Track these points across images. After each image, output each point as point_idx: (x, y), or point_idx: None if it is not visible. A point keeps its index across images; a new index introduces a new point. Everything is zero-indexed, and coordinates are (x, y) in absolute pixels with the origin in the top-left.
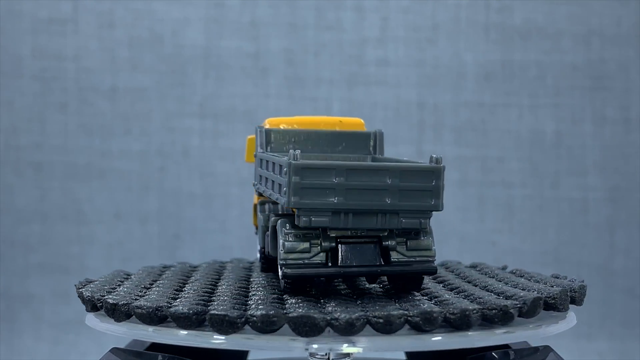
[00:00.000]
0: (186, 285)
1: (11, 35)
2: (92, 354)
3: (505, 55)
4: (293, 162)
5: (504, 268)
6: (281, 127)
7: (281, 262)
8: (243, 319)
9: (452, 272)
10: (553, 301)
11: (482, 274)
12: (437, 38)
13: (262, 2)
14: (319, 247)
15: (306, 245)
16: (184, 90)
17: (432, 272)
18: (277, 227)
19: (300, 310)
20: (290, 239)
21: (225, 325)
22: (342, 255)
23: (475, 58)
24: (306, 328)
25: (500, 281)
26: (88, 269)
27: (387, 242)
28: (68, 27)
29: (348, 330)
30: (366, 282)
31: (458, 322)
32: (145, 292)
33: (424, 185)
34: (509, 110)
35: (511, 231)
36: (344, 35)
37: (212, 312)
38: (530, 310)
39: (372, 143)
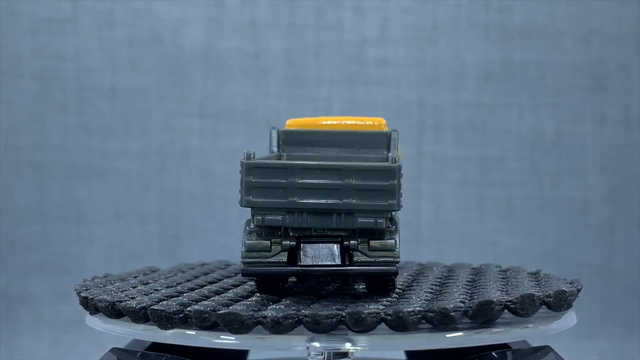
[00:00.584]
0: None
1: (11, 35)
2: (92, 354)
3: (505, 55)
4: (245, 161)
5: (536, 272)
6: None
7: (242, 260)
8: (182, 315)
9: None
10: (513, 306)
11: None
12: (437, 38)
13: (262, 2)
14: (279, 246)
15: (267, 243)
16: (184, 90)
17: (393, 273)
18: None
19: (236, 307)
20: (252, 238)
21: (164, 320)
22: (301, 254)
23: (475, 58)
24: (235, 325)
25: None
26: (88, 269)
27: (348, 242)
28: (68, 27)
29: (275, 328)
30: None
31: (394, 324)
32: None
33: (379, 184)
34: (509, 110)
35: (511, 231)
36: (344, 35)
37: (153, 307)
38: (477, 314)
39: (387, 142)
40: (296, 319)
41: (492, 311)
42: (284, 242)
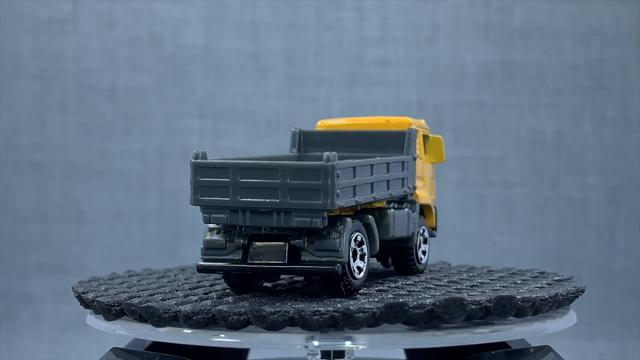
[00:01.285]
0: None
1: (11, 35)
2: (92, 354)
3: (505, 55)
4: (192, 160)
5: (569, 278)
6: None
7: (201, 256)
8: (119, 308)
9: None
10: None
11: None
12: (437, 38)
13: (262, 2)
14: (233, 244)
15: (222, 241)
16: (184, 90)
17: (333, 274)
18: None
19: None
20: (211, 235)
21: (105, 312)
22: (251, 252)
23: (475, 58)
24: (155, 318)
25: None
26: (88, 269)
27: (294, 241)
28: (68, 27)
29: (188, 322)
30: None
31: (299, 323)
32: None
33: (313, 183)
34: (509, 110)
35: (511, 231)
36: (344, 35)
37: (98, 298)
38: (386, 315)
39: (405, 141)
40: (209, 314)
41: (406, 314)
42: (236, 241)
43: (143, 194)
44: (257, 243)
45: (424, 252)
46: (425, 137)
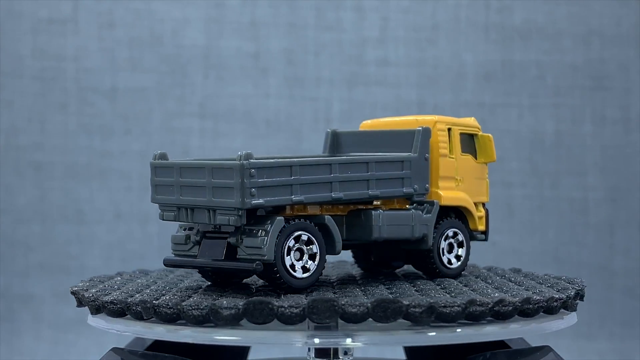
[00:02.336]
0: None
1: (11, 35)
2: (92, 354)
3: (505, 55)
4: (151, 161)
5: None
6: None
7: (171, 251)
8: (97, 303)
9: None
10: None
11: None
12: (437, 38)
13: (262, 2)
14: (190, 240)
15: (183, 237)
16: (184, 90)
17: (255, 271)
18: None
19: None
20: (177, 232)
21: (84, 304)
22: (199, 249)
23: (475, 58)
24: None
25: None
26: (88, 269)
27: (229, 239)
28: (68, 27)
29: (112, 313)
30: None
31: (204, 319)
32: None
33: (228, 182)
34: (509, 110)
35: (511, 231)
36: (344, 35)
37: (74, 288)
38: (314, 312)
39: (415, 140)
40: (125, 305)
41: (329, 311)
42: (192, 237)
43: (143, 194)
44: (205, 240)
45: (458, 257)
46: (473, 136)
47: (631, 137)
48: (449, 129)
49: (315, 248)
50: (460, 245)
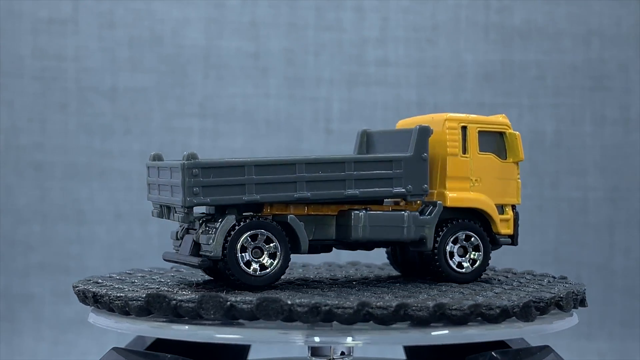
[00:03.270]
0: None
1: (11, 35)
2: (92, 354)
3: (505, 55)
4: (147, 162)
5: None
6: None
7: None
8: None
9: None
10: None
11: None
12: (437, 38)
13: (262, 2)
14: (178, 237)
15: (174, 233)
16: (184, 90)
17: (200, 267)
18: None
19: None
20: (174, 228)
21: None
22: (180, 244)
23: (475, 58)
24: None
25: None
26: (88, 269)
27: (194, 235)
28: (68, 27)
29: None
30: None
31: (141, 311)
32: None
33: (177, 181)
34: (509, 110)
35: None
36: (344, 35)
37: (74, 284)
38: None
39: (411, 140)
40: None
41: (216, 307)
42: (178, 234)
43: (143, 194)
44: (186, 236)
45: (473, 261)
46: (502, 134)
47: (631, 137)
48: (464, 127)
49: (275, 246)
50: (476, 249)
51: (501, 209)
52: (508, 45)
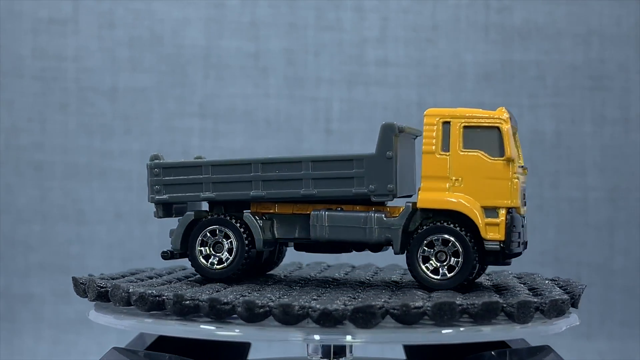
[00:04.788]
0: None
1: (11, 35)
2: (92, 354)
3: (505, 55)
4: (147, 163)
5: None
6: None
7: None
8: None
9: None
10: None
11: None
12: (437, 38)
13: (262, 2)
14: None
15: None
16: (184, 90)
17: (163, 258)
18: None
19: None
20: None
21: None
22: None
23: (475, 58)
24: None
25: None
26: (88, 269)
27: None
28: (68, 27)
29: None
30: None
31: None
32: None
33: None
34: (508, 110)
35: None
36: (344, 35)
37: (74, 277)
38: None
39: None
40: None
41: (119, 300)
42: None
43: (143, 194)
44: None
45: (450, 267)
46: (497, 129)
47: (631, 137)
48: (446, 123)
49: (232, 243)
50: (455, 254)
51: (494, 211)
52: (508, 45)
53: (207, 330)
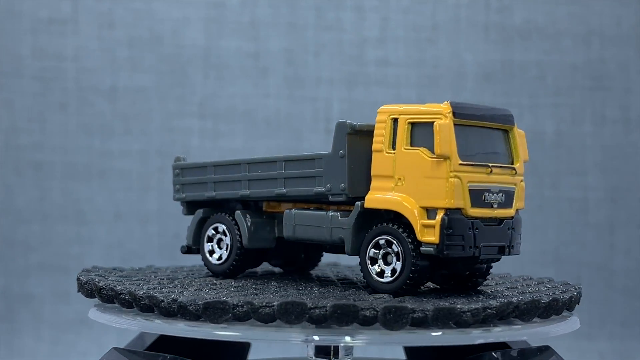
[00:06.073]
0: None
1: (11, 35)
2: (92, 354)
3: (505, 55)
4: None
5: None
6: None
7: None
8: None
9: None
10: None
11: None
12: (437, 38)
13: (262, 2)
14: None
15: None
16: (184, 90)
17: (182, 252)
18: None
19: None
20: None
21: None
22: None
23: (475, 58)
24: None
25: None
26: None
27: None
28: (68, 27)
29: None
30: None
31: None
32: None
33: None
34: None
35: None
36: (344, 35)
37: (78, 275)
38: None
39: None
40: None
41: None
42: None
43: (143, 194)
44: None
45: (393, 271)
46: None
47: (631, 137)
48: (395, 120)
49: (228, 239)
50: (397, 256)
51: (433, 212)
52: (508, 45)
53: (207, 330)
